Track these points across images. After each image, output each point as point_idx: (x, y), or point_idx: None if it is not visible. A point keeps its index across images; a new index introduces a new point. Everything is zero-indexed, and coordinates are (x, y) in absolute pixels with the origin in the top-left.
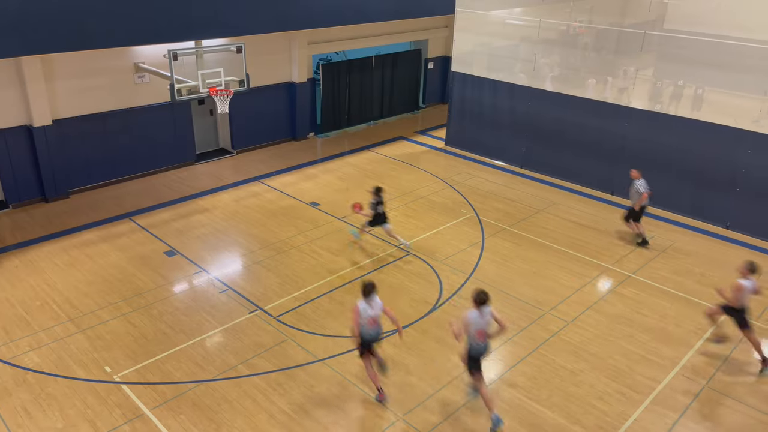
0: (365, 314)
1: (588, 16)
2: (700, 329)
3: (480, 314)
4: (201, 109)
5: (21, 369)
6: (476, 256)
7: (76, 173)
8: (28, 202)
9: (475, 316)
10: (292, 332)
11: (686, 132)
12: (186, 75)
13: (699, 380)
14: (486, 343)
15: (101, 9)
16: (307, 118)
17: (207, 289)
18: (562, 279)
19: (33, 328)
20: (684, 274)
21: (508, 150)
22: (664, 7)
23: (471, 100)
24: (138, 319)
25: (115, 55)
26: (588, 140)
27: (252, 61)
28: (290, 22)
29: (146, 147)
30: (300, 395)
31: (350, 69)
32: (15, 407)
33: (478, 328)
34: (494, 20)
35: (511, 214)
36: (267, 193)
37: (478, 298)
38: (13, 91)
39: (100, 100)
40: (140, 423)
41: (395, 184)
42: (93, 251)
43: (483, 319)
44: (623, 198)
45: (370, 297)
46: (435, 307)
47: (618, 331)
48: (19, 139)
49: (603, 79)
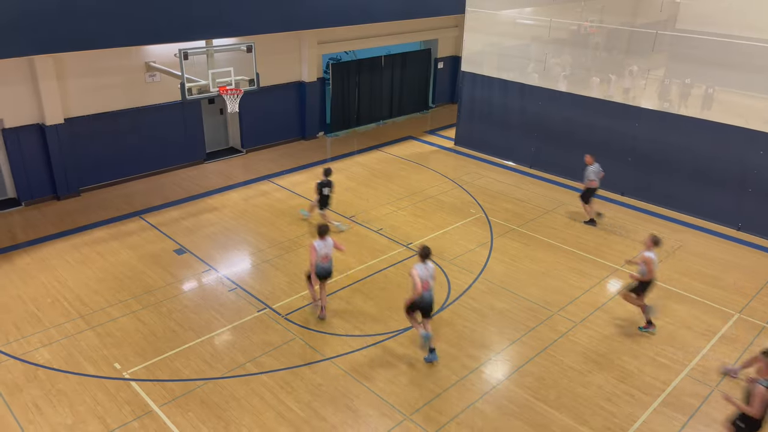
0: (321, 252)
1: (599, 16)
2: (710, 331)
3: (425, 267)
4: (211, 108)
5: (32, 365)
6: (485, 256)
7: (87, 171)
8: (40, 200)
9: (421, 268)
10: (300, 331)
11: (697, 132)
12: (197, 74)
13: (708, 383)
14: (429, 292)
15: (110, 9)
16: (317, 117)
17: (216, 287)
18: (571, 280)
19: (44, 324)
20: (694, 276)
21: (517, 150)
22: (676, 7)
23: (481, 100)
24: (147, 316)
25: (126, 55)
26: (598, 140)
27: (262, 61)
28: (295, 22)
29: (157, 146)
30: (308, 394)
31: (360, 69)
32: (26, 403)
33: (424, 279)
34: (504, 20)
35: (520, 214)
36: (276, 192)
37: (423, 252)
38: (25, 89)
39: (111, 98)
40: (149, 420)
41: (404, 183)
42: (104, 249)
43: (428, 271)
44: (634, 198)
45: (323, 239)
46: (443, 307)
47: (627, 332)
48: (32, 138)
49: (613, 79)
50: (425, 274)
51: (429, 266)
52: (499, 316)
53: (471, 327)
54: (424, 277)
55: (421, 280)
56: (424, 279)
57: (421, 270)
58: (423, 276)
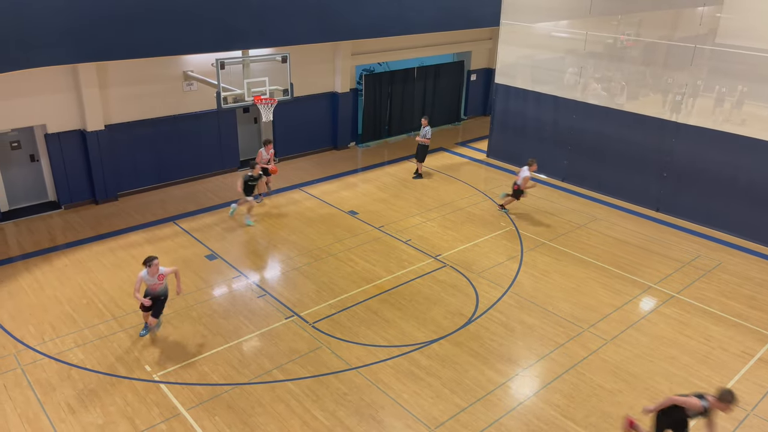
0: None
1: (636, 29)
2: (747, 354)
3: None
4: (245, 117)
5: (66, 365)
6: (514, 270)
7: (125, 177)
8: (79, 204)
9: (144, 274)
10: (326, 339)
11: (736, 148)
12: (232, 83)
13: (744, 406)
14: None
15: (153, 20)
16: (349, 127)
17: (245, 293)
18: (603, 296)
19: (79, 325)
20: (732, 296)
21: (549, 163)
22: (716, 21)
23: (513, 112)
24: (178, 320)
25: (165, 64)
26: (633, 155)
27: (296, 71)
28: (334, 32)
29: (192, 153)
30: (333, 403)
31: (392, 80)
32: (59, 402)
33: (150, 284)
34: (539, 32)
35: (551, 228)
36: (307, 200)
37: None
38: (69, 96)
39: (150, 106)
40: (177, 422)
41: (434, 195)
42: (138, 253)
43: (152, 277)
44: (669, 215)
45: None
46: (470, 320)
47: (660, 352)
48: (73, 143)
49: (650, 94)
50: (150, 280)
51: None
52: (528, 331)
53: (499, 341)
54: (149, 282)
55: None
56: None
57: (144, 276)
58: (148, 281)
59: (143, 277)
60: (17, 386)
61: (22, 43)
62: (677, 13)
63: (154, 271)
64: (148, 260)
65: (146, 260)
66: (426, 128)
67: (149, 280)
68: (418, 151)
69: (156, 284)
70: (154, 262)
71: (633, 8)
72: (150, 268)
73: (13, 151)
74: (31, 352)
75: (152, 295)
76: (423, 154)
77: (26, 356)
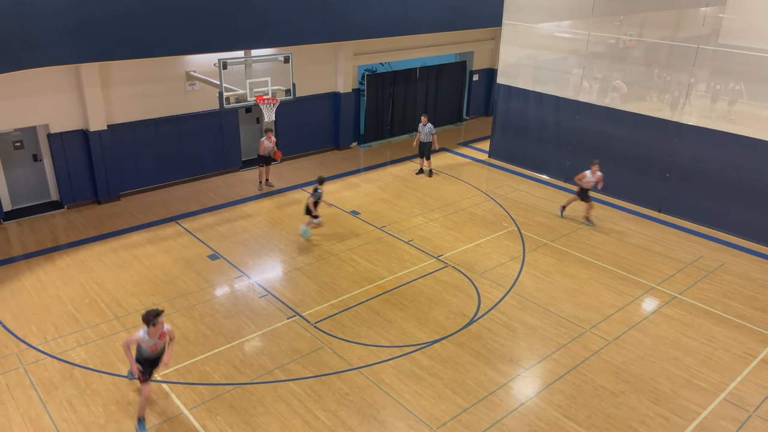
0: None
1: (639, 30)
2: (749, 354)
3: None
4: (248, 117)
5: (68, 364)
6: (516, 270)
7: (127, 177)
8: (81, 203)
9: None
10: (328, 339)
11: (739, 149)
12: (234, 84)
13: (746, 407)
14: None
15: (156, 20)
16: (351, 127)
17: (247, 293)
18: (605, 297)
19: (81, 324)
20: (734, 297)
21: (551, 164)
22: (719, 22)
23: (515, 113)
24: (180, 320)
25: (167, 64)
26: (635, 156)
27: (298, 71)
28: (337, 33)
29: (194, 153)
30: (334, 403)
31: (395, 80)
32: (61, 401)
33: (147, 345)
34: (541, 33)
35: (553, 228)
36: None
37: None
38: (71, 96)
39: (152, 106)
40: (179, 422)
41: (436, 195)
42: (140, 253)
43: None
44: (671, 216)
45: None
46: (472, 321)
47: (662, 353)
48: (76, 143)
49: (652, 94)
50: (148, 341)
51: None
52: (530, 332)
53: (501, 342)
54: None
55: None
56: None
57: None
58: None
59: (141, 338)
60: (20, 386)
61: (25, 43)
62: (680, 13)
63: (158, 330)
64: (151, 316)
65: (148, 316)
66: (428, 126)
67: (148, 342)
68: (425, 149)
69: (156, 344)
70: (159, 319)
71: (635, 8)
72: (152, 328)
73: (16, 151)
74: (34, 352)
75: (152, 357)
76: (428, 152)
77: (29, 356)
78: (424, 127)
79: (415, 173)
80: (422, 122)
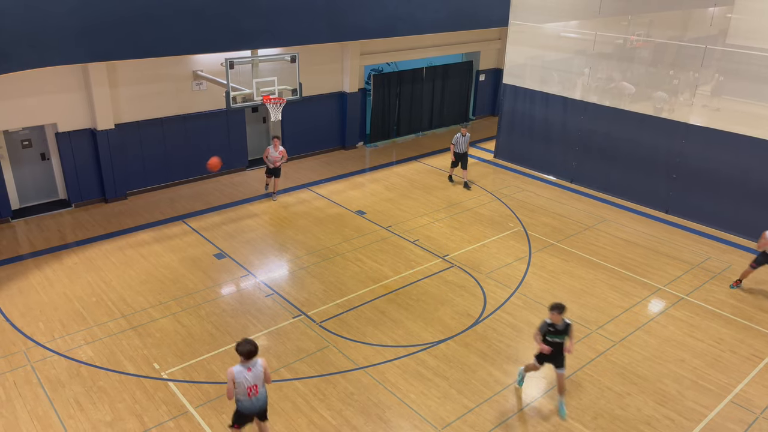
0: (242, 383)
1: (646, 30)
2: (757, 356)
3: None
4: (254, 116)
5: (75, 362)
6: (522, 270)
7: (134, 175)
8: (89, 202)
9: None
10: (334, 339)
11: (746, 150)
12: (241, 83)
13: (753, 410)
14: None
15: (163, 20)
16: (357, 127)
17: (253, 292)
18: (611, 298)
19: (88, 322)
20: (742, 299)
21: (558, 164)
22: (727, 22)
23: (522, 113)
24: (186, 318)
25: (174, 63)
26: (642, 156)
27: (305, 71)
28: (343, 33)
29: (201, 152)
30: (339, 402)
31: (401, 80)
32: (68, 398)
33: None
34: (548, 33)
35: (559, 229)
36: (315, 200)
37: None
38: (79, 96)
39: (159, 106)
40: (184, 420)
41: (442, 195)
42: (147, 251)
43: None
44: (678, 217)
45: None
46: (478, 321)
47: (668, 354)
48: (84, 142)
49: (660, 94)
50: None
51: (257, 367)
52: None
53: (506, 342)
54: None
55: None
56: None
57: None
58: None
59: (238, 375)
60: (27, 383)
61: (33, 43)
62: (688, 13)
63: (254, 368)
64: (247, 350)
65: (243, 348)
66: (467, 136)
67: (248, 381)
68: (464, 160)
69: (259, 386)
70: (257, 353)
71: (643, 8)
72: (248, 361)
73: (24, 150)
74: (41, 349)
75: (250, 407)
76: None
77: (36, 353)
78: (463, 138)
79: (449, 179)
80: (461, 133)
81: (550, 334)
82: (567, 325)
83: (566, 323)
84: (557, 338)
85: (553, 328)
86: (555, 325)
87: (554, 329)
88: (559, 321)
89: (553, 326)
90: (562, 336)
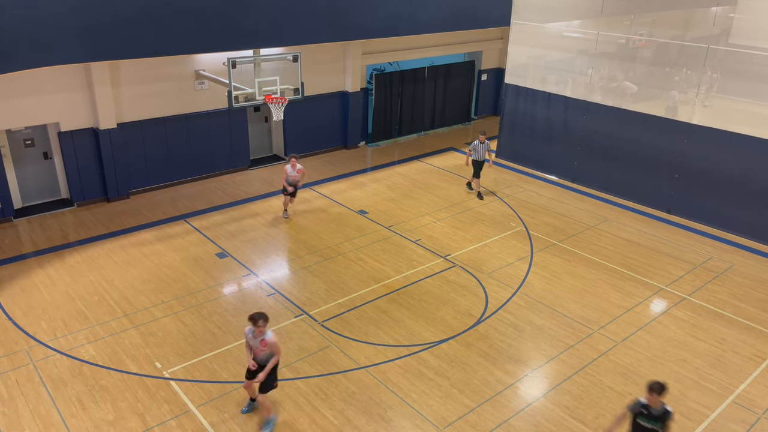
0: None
1: (649, 30)
2: (759, 357)
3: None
4: (256, 116)
5: (77, 361)
6: (524, 270)
7: (136, 175)
8: (91, 201)
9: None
10: (335, 338)
11: (749, 150)
12: (243, 83)
13: (755, 410)
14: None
15: (166, 19)
16: (359, 127)
17: (255, 291)
18: (613, 298)
19: (90, 321)
20: (744, 299)
21: (560, 164)
22: (729, 21)
23: (523, 113)
24: (188, 318)
25: (177, 63)
26: (644, 156)
27: (307, 70)
28: (344, 32)
29: (203, 151)
30: (341, 402)
31: (403, 79)
32: (70, 397)
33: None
34: (550, 33)
35: (561, 229)
36: (317, 199)
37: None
38: (82, 95)
39: (161, 105)
40: (186, 419)
41: (444, 195)
42: (149, 250)
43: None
44: (680, 217)
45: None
46: (479, 321)
47: (670, 354)
48: (86, 141)
49: (662, 94)
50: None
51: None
52: (537, 332)
53: (508, 342)
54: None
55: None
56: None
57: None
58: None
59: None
60: (29, 382)
61: (35, 42)
62: (690, 13)
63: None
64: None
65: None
66: (486, 143)
67: (252, 341)
68: (480, 168)
69: (258, 350)
70: (260, 323)
71: (645, 8)
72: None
73: (27, 149)
74: (43, 348)
75: (256, 360)
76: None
77: (38, 352)
78: (482, 145)
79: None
80: (479, 140)
81: (642, 417)
82: (666, 413)
83: (665, 410)
84: (649, 424)
85: (646, 411)
86: (650, 408)
87: (648, 412)
88: (656, 404)
89: (647, 408)
90: (656, 423)
